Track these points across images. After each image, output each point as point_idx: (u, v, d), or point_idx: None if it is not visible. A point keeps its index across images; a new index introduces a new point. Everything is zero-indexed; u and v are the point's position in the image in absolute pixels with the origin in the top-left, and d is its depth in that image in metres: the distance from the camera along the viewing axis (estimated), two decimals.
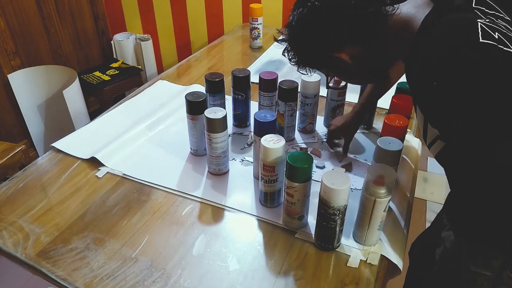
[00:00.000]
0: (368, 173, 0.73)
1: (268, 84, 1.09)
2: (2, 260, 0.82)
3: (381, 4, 0.69)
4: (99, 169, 1.01)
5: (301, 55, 0.78)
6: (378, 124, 1.18)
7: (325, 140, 1.12)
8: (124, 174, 0.99)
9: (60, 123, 2.11)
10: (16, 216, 0.88)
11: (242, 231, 0.85)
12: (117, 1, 2.50)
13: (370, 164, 0.98)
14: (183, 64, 1.62)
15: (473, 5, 0.65)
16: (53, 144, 1.10)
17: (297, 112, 1.11)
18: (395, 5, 0.70)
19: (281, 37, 0.80)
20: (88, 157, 1.04)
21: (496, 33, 0.59)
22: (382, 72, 0.81)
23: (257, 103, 1.15)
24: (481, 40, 0.57)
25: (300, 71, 0.82)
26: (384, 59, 0.77)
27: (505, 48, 0.57)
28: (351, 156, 1.06)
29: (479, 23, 0.59)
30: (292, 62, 0.80)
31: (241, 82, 1.11)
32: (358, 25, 0.70)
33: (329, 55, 0.73)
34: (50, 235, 0.83)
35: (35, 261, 0.77)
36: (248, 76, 1.12)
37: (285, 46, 0.79)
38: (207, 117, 0.90)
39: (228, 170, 1.01)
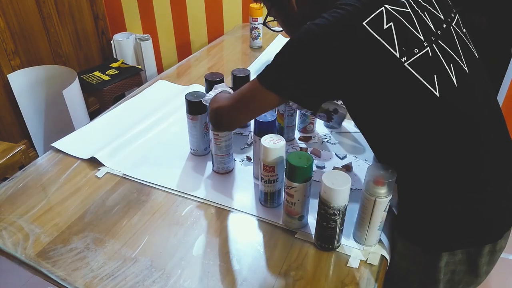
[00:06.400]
0: (368, 173, 0.73)
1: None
2: (2, 260, 0.82)
3: None
4: (99, 169, 1.01)
5: None
6: None
7: (325, 140, 1.12)
8: (124, 174, 0.99)
9: (60, 123, 2.11)
10: (16, 216, 0.88)
11: (242, 231, 0.85)
12: (117, 1, 2.50)
13: (370, 164, 0.98)
14: (183, 64, 1.62)
15: None
16: (53, 144, 1.09)
17: (297, 112, 1.11)
18: None
19: None
20: (88, 157, 1.04)
21: (391, 23, 0.64)
22: None
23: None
24: (364, 22, 0.63)
25: None
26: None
27: (377, 37, 0.63)
28: (351, 156, 1.06)
29: (383, 8, 0.65)
30: None
31: (241, 82, 1.11)
32: None
33: None
34: (50, 235, 0.83)
35: (35, 261, 0.77)
36: (248, 76, 1.12)
37: None
38: None
39: (233, 168, 1.01)
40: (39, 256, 0.78)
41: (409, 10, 0.67)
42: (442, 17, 0.71)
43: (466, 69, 0.71)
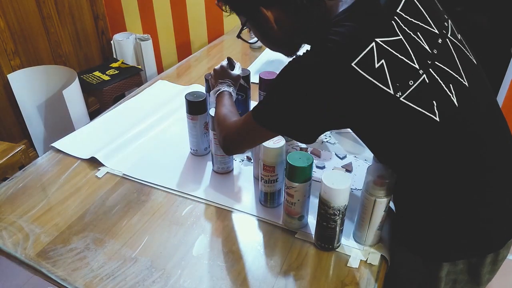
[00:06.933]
0: (368, 173, 0.73)
1: (268, 84, 1.09)
2: (2, 260, 0.82)
3: None
4: (99, 169, 1.01)
5: None
6: None
7: (325, 140, 1.12)
8: (124, 174, 0.99)
9: (60, 123, 2.11)
10: (16, 216, 0.88)
11: (242, 231, 0.85)
12: (117, 1, 2.50)
13: (370, 164, 0.98)
14: (183, 64, 1.62)
15: (398, 10, 0.66)
16: (53, 144, 1.09)
17: None
18: None
19: None
20: (88, 157, 1.04)
21: (382, 61, 0.61)
22: (292, 49, 0.81)
23: (257, 103, 1.15)
24: (352, 64, 0.60)
25: (220, 6, 0.78)
26: (300, 37, 0.77)
27: (368, 78, 0.60)
28: (351, 156, 1.06)
29: (374, 44, 0.61)
30: None
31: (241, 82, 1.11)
32: None
33: (256, 7, 0.72)
34: (50, 235, 0.83)
35: (35, 261, 0.77)
36: (248, 76, 1.12)
37: None
38: (212, 116, 0.90)
39: (233, 168, 1.01)
40: (39, 256, 0.78)
41: (401, 37, 0.64)
42: (436, 31, 0.69)
43: (466, 83, 0.69)
